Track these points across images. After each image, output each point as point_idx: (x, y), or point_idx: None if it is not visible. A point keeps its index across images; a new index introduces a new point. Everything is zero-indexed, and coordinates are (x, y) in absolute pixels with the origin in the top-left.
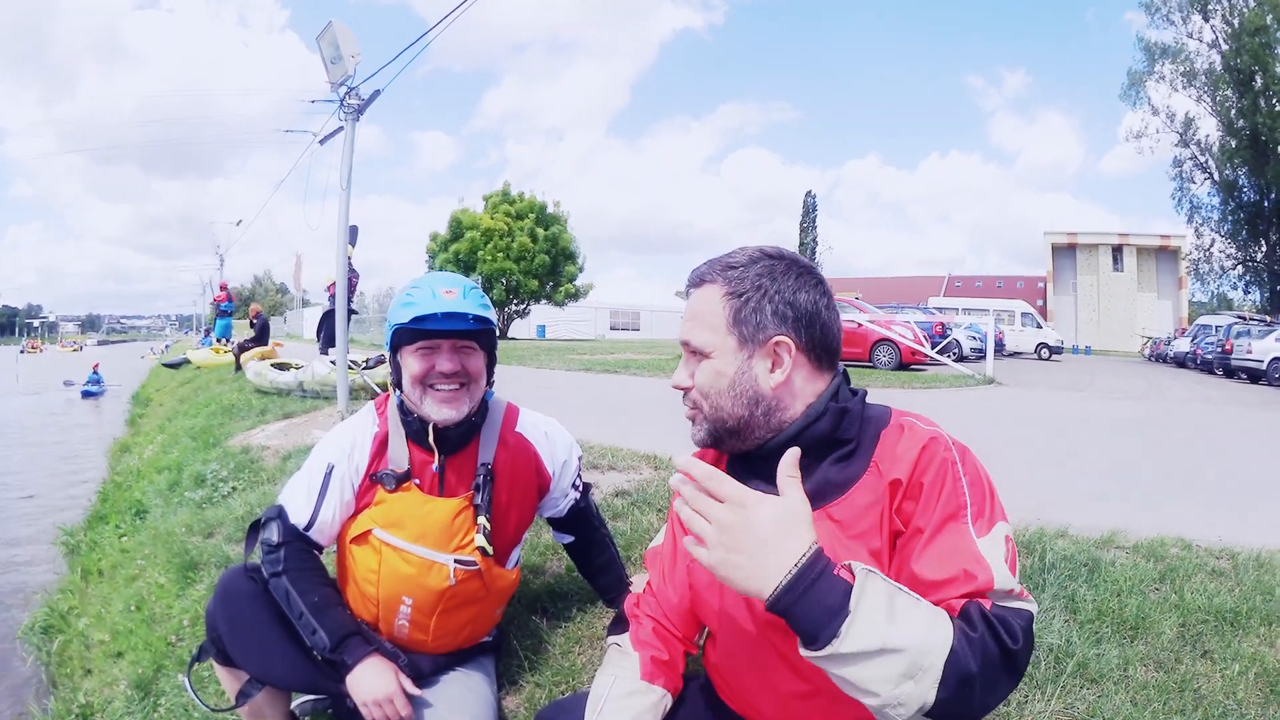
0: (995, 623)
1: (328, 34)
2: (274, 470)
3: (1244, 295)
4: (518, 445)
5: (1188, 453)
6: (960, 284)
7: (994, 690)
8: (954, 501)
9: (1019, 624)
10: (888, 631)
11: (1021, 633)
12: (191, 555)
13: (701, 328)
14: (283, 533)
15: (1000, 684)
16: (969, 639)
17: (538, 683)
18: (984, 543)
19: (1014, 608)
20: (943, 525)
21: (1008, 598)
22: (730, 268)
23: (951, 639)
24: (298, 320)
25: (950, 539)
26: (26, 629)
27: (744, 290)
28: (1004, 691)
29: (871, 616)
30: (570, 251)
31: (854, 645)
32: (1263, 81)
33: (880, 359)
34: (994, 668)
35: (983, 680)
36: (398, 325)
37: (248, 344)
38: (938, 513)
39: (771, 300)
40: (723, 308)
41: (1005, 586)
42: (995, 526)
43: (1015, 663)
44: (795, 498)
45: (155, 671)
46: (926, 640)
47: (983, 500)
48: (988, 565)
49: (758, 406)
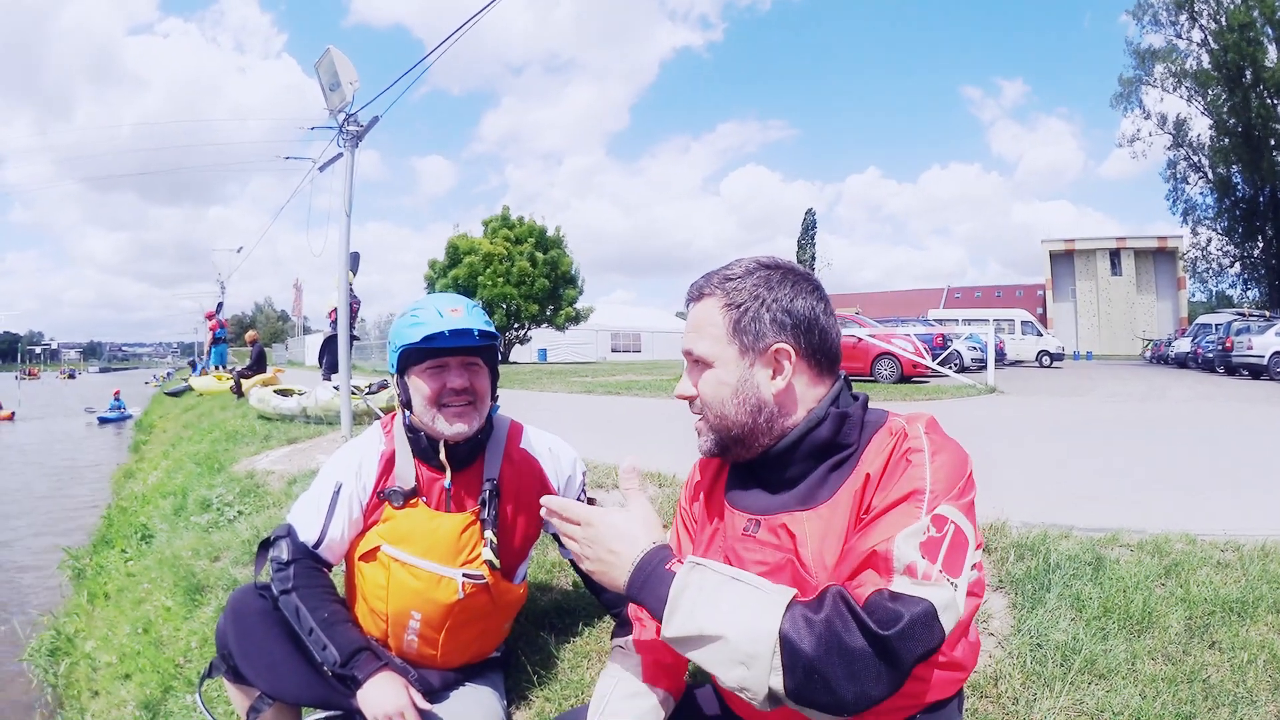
0: (859, 611)
1: (325, 61)
2: (279, 495)
3: (1243, 292)
4: (523, 461)
5: (1189, 450)
6: (960, 295)
7: (861, 680)
8: (908, 486)
9: (902, 609)
10: (704, 620)
11: (901, 619)
12: (198, 578)
13: (703, 338)
14: (292, 550)
15: (872, 672)
16: (808, 621)
17: (547, 697)
18: (916, 521)
19: (909, 594)
20: (892, 506)
21: (910, 579)
22: (728, 279)
23: (780, 625)
24: (299, 347)
25: (894, 520)
26: (33, 651)
27: (742, 300)
28: (886, 682)
29: (691, 607)
30: (570, 275)
31: (674, 631)
32: (1252, 77)
33: (881, 373)
34: (850, 656)
35: (836, 668)
36: (406, 346)
37: (247, 371)
38: (890, 496)
39: (769, 309)
40: (722, 318)
41: (904, 560)
42: (939, 507)
43: (890, 652)
44: (635, 506)
45: (163, 693)
46: (749, 628)
47: (946, 486)
48: (892, 540)
49: (760, 414)
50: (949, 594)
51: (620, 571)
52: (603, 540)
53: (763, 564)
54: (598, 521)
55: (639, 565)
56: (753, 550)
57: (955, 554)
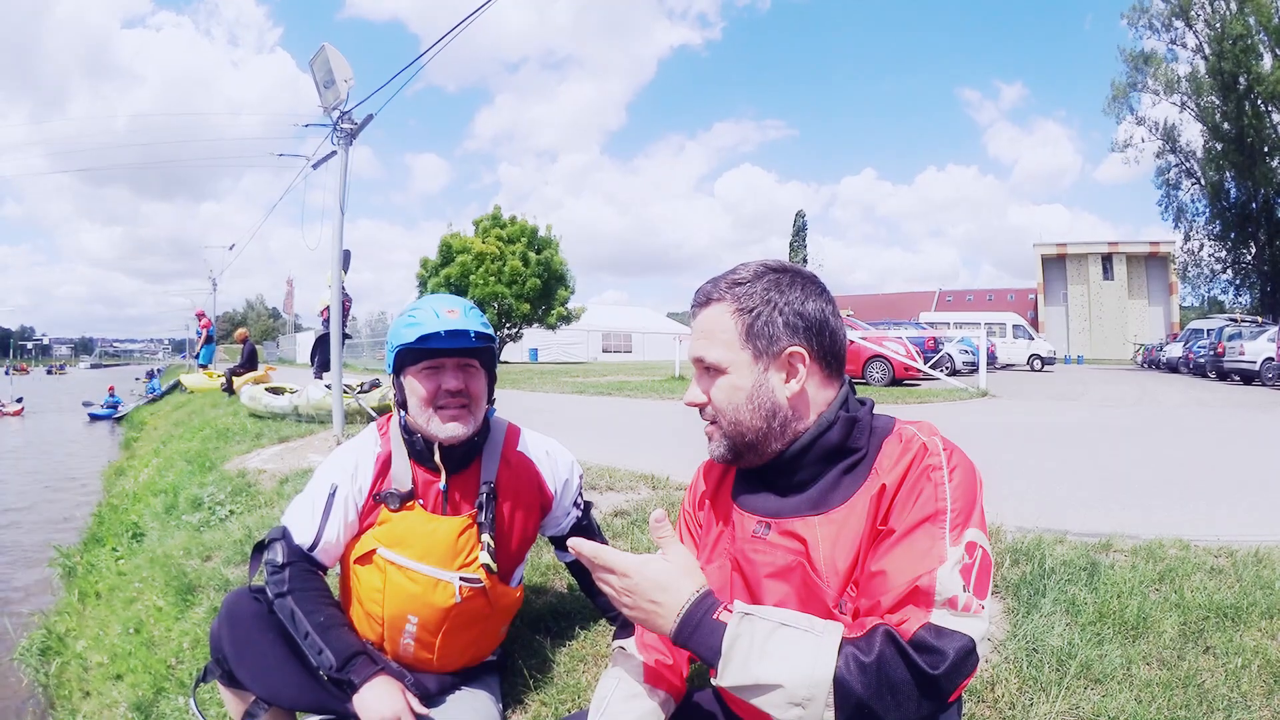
0: (909, 650)
1: (320, 58)
2: (271, 494)
3: (1234, 298)
4: (520, 464)
5: (1182, 455)
6: (951, 298)
7: (906, 710)
8: (930, 505)
9: (949, 647)
10: (759, 670)
11: (947, 657)
12: (190, 578)
13: (715, 345)
14: (287, 553)
15: (912, 705)
16: (861, 665)
17: (543, 701)
18: (951, 550)
19: (952, 629)
20: (916, 527)
21: (952, 610)
22: (737, 284)
23: (834, 670)
24: (290, 345)
25: (919, 541)
26: (24, 650)
27: (754, 305)
28: (927, 711)
29: (744, 659)
30: (562, 275)
31: (730, 682)
32: (1246, 84)
33: (873, 375)
34: (899, 692)
35: (887, 703)
36: (402, 345)
37: (238, 369)
38: (912, 515)
39: (782, 312)
40: (735, 324)
41: (947, 592)
42: (966, 532)
43: (936, 687)
44: (674, 554)
45: (155, 694)
46: (805, 674)
47: (967, 507)
48: (934, 571)
49: (775, 418)
50: (984, 625)
51: (665, 620)
52: (644, 591)
53: (772, 566)
54: (636, 573)
55: (685, 615)
56: (763, 552)
57: (984, 578)
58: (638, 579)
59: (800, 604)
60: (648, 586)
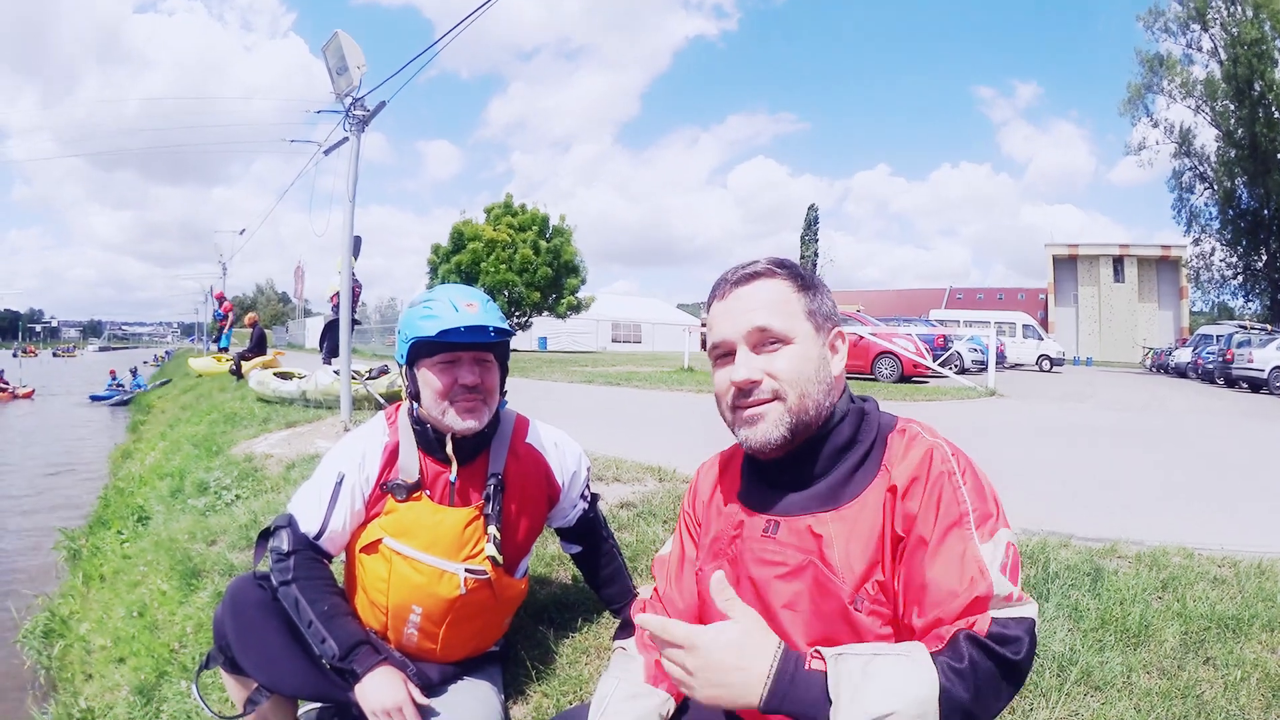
0: (990, 643)
1: (333, 45)
2: (277, 479)
3: (1245, 304)
4: (528, 456)
5: (1189, 463)
6: (961, 296)
7: (996, 702)
8: (954, 510)
9: (1021, 632)
10: (870, 705)
11: (1023, 642)
12: (194, 562)
13: (778, 314)
14: (293, 541)
15: (1003, 695)
16: (958, 672)
17: (545, 692)
18: (986, 549)
19: (1015, 616)
20: (946, 533)
21: (1006, 605)
22: (782, 265)
23: (938, 683)
24: (300, 330)
25: (954, 547)
26: (27, 633)
27: (813, 283)
28: (1007, 698)
29: (852, 698)
30: (573, 264)
31: None
32: (1261, 90)
33: (882, 371)
34: (993, 686)
35: (982, 701)
36: (419, 338)
37: (247, 354)
38: (940, 521)
39: (829, 295)
40: (797, 296)
41: (1003, 593)
42: (997, 533)
43: (1018, 672)
44: (741, 614)
45: (158, 678)
46: (914, 695)
47: (985, 507)
48: (988, 573)
49: (830, 394)
50: (1035, 605)
51: (751, 690)
52: (716, 663)
53: (783, 565)
54: (707, 643)
55: (775, 678)
56: (773, 552)
57: (1017, 570)
58: (713, 650)
59: (813, 604)
60: (727, 656)
